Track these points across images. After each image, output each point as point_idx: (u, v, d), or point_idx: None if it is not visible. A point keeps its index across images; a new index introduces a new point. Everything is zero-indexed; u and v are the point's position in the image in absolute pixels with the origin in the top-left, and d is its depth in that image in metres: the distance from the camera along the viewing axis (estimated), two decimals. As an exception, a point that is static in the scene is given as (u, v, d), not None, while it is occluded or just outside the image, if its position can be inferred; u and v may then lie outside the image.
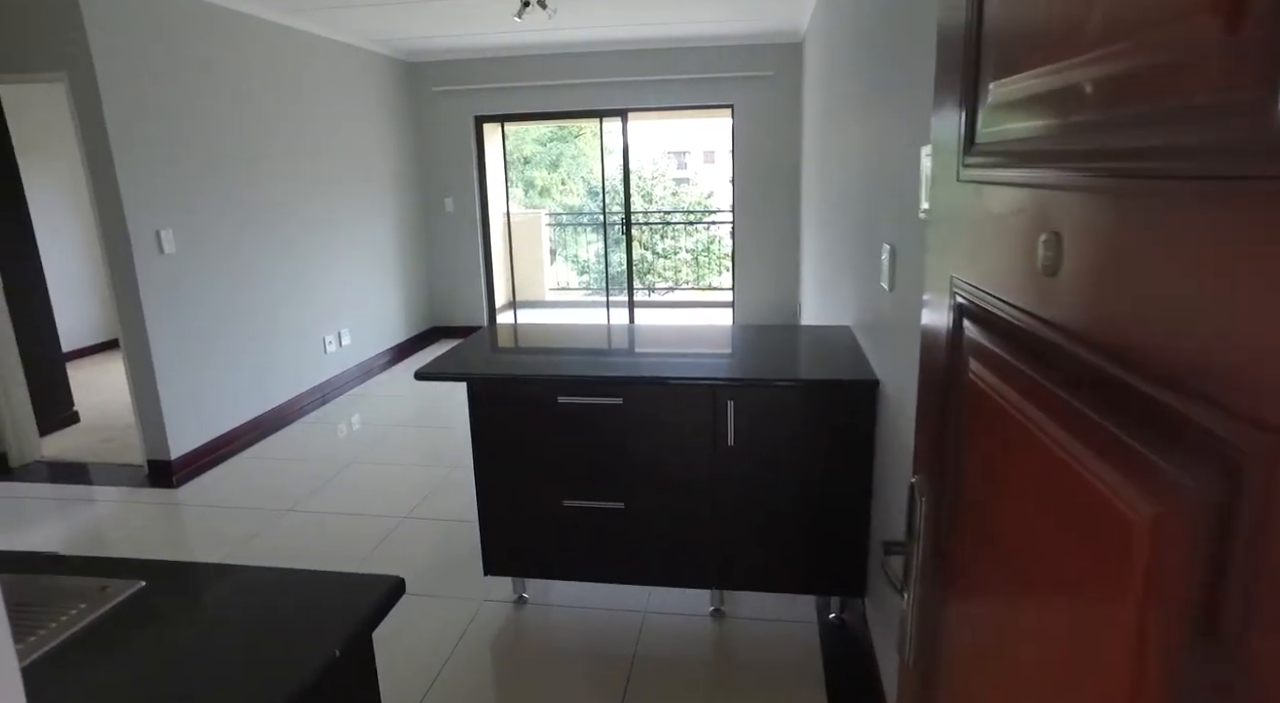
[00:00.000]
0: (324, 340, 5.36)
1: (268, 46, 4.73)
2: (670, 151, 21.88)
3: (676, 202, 17.06)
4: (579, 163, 18.81)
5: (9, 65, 3.63)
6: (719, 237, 15.49)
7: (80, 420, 4.91)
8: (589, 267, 14.01)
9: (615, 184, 6.88)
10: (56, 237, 6.12)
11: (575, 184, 18.54)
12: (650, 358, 2.65)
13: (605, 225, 7.33)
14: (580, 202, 18.26)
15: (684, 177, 23.00)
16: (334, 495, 3.72)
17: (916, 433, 1.02)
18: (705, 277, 15.04)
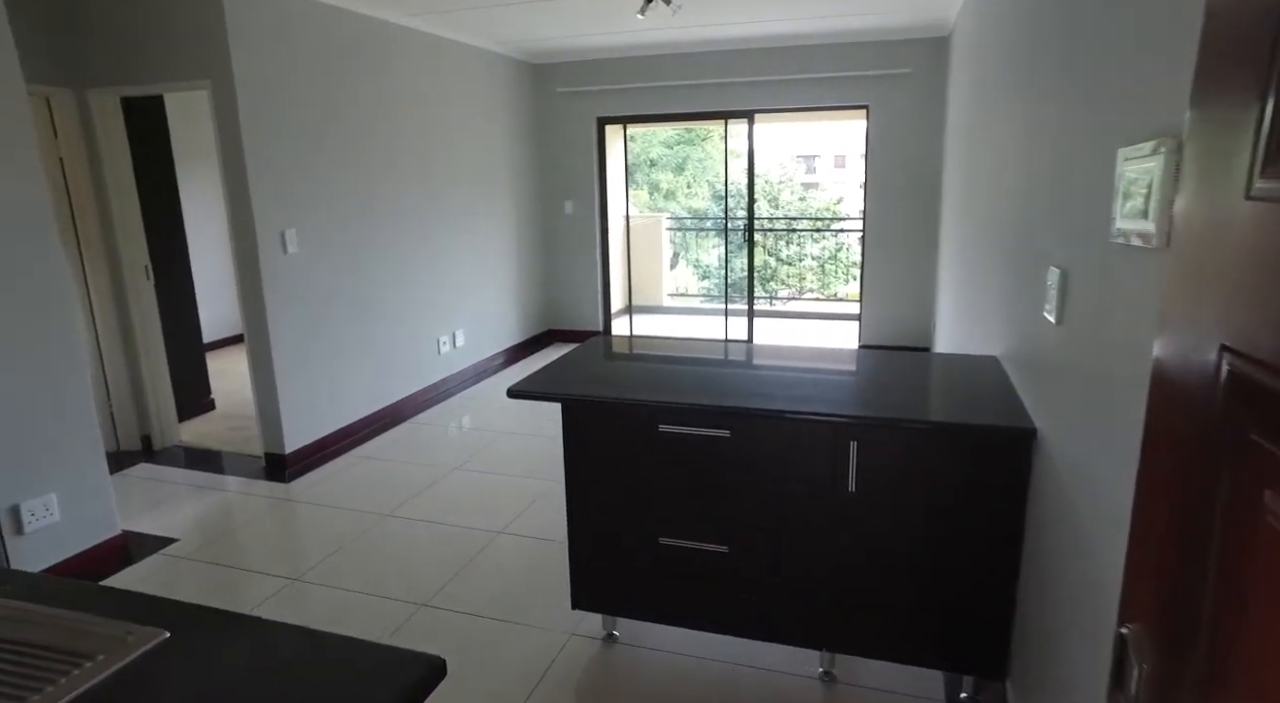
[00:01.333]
0: (438, 341, 5.40)
1: (394, 50, 4.79)
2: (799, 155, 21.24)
3: (804, 207, 16.50)
4: (705, 166, 18.58)
5: (165, 74, 3.81)
6: (847, 244, 14.83)
7: (215, 408, 5.17)
8: (711, 272, 13.76)
9: (739, 188, 6.59)
10: (201, 234, 6.52)
11: (700, 187, 18.33)
12: (764, 386, 2.37)
13: (726, 230, 7.04)
14: (705, 205, 18.04)
15: (812, 181, 22.29)
16: (435, 502, 3.67)
17: (1129, 561, 0.71)
18: (831, 285, 14.44)
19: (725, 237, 7.05)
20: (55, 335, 2.93)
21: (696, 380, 2.49)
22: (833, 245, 14.39)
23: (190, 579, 3.04)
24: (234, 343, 7.10)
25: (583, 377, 2.50)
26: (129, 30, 3.81)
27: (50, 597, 1.23)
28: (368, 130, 4.58)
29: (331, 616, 2.76)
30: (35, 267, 2.85)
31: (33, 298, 2.84)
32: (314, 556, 3.19)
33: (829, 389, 2.36)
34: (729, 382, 2.48)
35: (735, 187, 6.74)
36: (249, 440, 4.45)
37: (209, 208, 6.63)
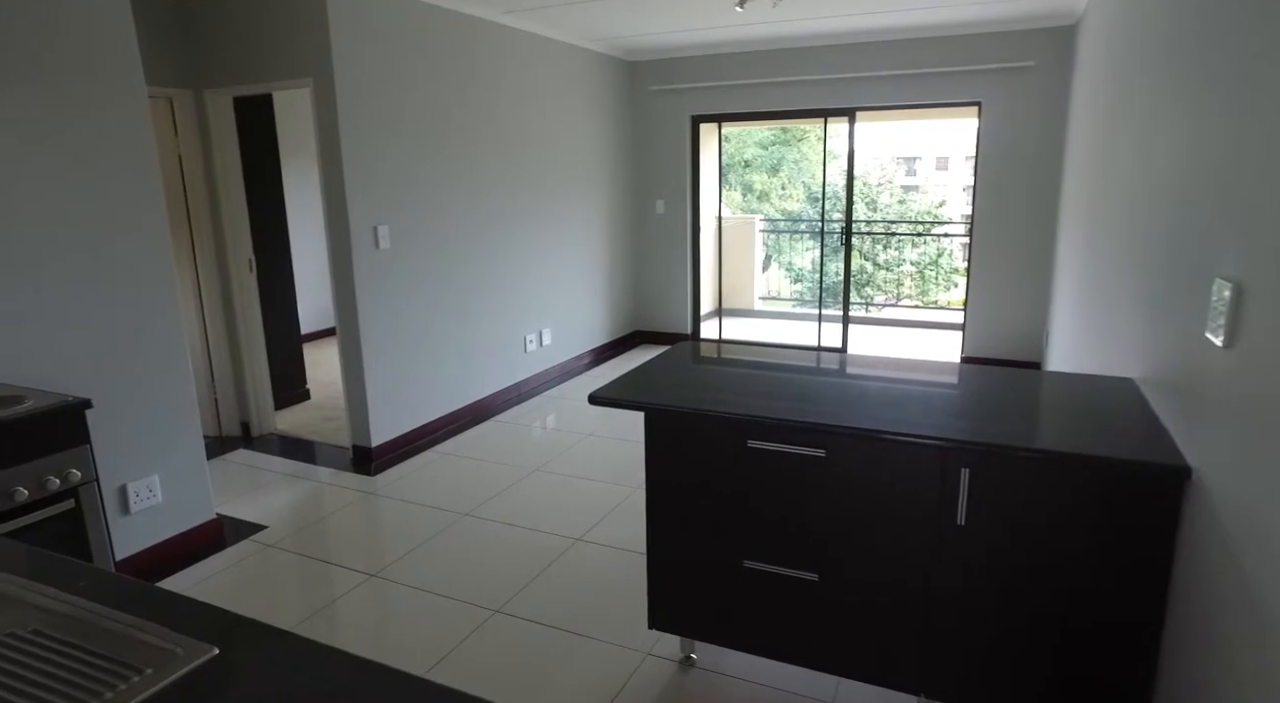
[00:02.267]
0: (525, 339, 5.39)
1: (488, 47, 4.80)
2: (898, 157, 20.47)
3: (903, 210, 15.86)
4: (801, 167, 18.16)
5: (272, 73, 3.92)
6: (948, 249, 14.15)
7: (310, 398, 5.32)
8: (803, 275, 13.40)
9: (836, 190, 6.33)
10: (301, 228, 6.75)
11: (795, 189, 17.92)
12: (864, 402, 2.18)
13: (823, 234, 6.77)
14: (800, 207, 17.63)
15: (912, 184, 21.45)
16: (514, 504, 3.62)
17: None
18: (930, 292, 13.80)
19: (821, 240, 6.78)
20: (162, 328, 3.02)
21: (790, 393, 2.32)
22: (933, 251, 13.77)
23: (276, 568, 3.08)
24: (330, 334, 7.35)
25: (668, 384, 2.38)
26: (241, 33, 3.94)
27: (117, 598, 1.20)
28: (461, 128, 4.60)
29: (407, 616, 2.73)
30: (147, 263, 2.94)
31: (143, 292, 2.94)
32: (394, 551, 3.19)
33: (937, 408, 2.15)
34: (825, 395, 2.29)
35: (832, 189, 6.46)
36: (339, 431, 4.55)
37: (308, 202, 6.87)
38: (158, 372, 3.02)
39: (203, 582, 2.97)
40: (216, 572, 3.05)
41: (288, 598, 2.87)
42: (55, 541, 2.26)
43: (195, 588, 2.92)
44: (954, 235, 13.99)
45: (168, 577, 2.99)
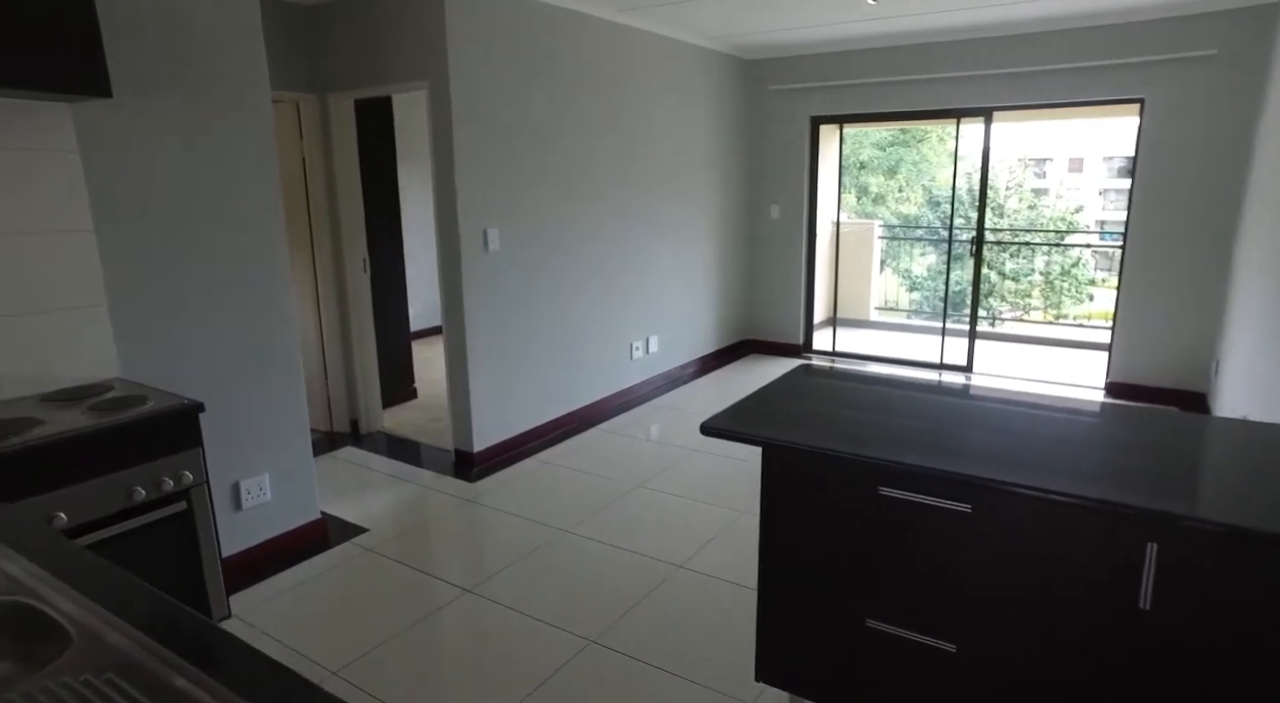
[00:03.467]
0: (631, 346, 5.25)
1: (601, 46, 4.68)
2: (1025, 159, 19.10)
3: (1033, 216, 14.78)
4: (920, 169, 17.30)
5: (391, 76, 3.94)
6: (1083, 258, 13.08)
7: (417, 396, 5.39)
8: (920, 283, 12.71)
9: (960, 193, 5.87)
10: (413, 228, 6.86)
11: (913, 192, 17.08)
12: (1018, 447, 1.88)
13: (950, 242, 6.31)
14: (916, 211, 16.79)
15: (1041, 187, 20.02)
16: (615, 522, 3.48)
17: None
18: (1061, 305, 12.80)
19: (949, 248, 6.32)
20: (276, 330, 3.06)
21: (926, 431, 2.04)
22: (1065, 260, 12.75)
23: (375, 574, 3.06)
24: (438, 332, 7.47)
25: (787, 415, 2.15)
26: (364, 37, 3.98)
27: (187, 641, 1.10)
28: (572, 130, 4.50)
29: (501, 638, 2.63)
30: (265, 265, 2.98)
31: (260, 295, 2.98)
32: (491, 565, 3.11)
33: (1110, 462, 1.83)
34: (968, 436, 2.01)
35: (956, 192, 6.00)
36: (442, 433, 4.55)
37: (420, 202, 6.98)
38: (272, 371, 3.06)
39: (304, 583, 2.97)
40: (318, 574, 3.05)
41: (385, 608, 2.82)
42: (167, 541, 2.28)
43: (297, 589, 2.93)
44: (1094, 246, 12.92)
45: (272, 576, 3.02)
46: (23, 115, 2.29)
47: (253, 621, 2.72)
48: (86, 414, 2.17)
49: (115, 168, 2.51)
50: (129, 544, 2.17)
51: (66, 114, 2.38)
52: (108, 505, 2.12)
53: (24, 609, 1.23)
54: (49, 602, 1.22)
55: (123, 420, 2.14)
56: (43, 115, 2.33)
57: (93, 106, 2.43)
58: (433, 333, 7.35)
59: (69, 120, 2.39)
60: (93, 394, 2.35)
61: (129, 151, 2.55)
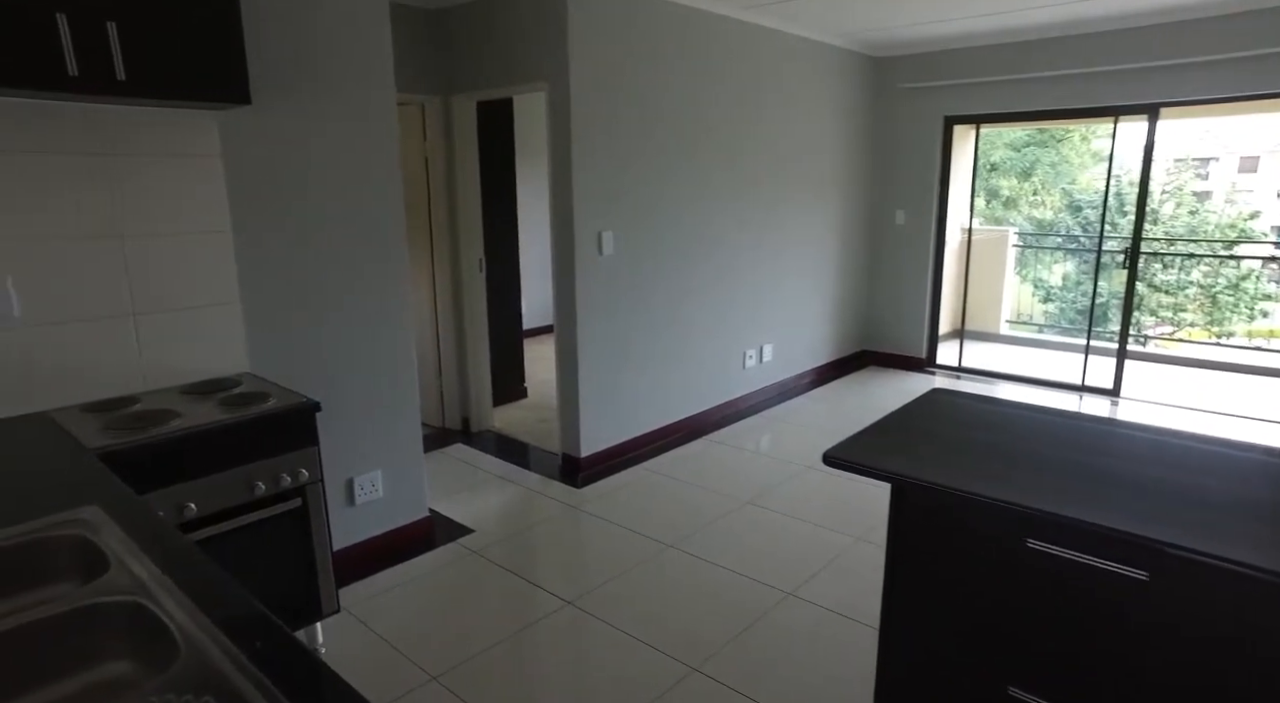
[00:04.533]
0: (744, 354, 5.09)
1: (722, 45, 4.53)
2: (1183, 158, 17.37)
3: (1194, 222, 13.41)
4: (1059, 171, 16.10)
5: (512, 78, 3.95)
6: (1254, 271, 11.76)
7: (527, 396, 5.43)
8: (1056, 294, 11.82)
9: (1104, 197, 5.34)
10: (528, 225, 6.91)
11: (1050, 195, 15.92)
12: (1204, 504, 1.60)
13: (1100, 251, 5.76)
14: (1051, 216, 15.64)
15: (1204, 189, 18.19)
16: (722, 540, 3.34)
17: None
18: (1226, 322, 11.55)
19: (1098, 258, 5.77)
20: (394, 330, 3.10)
21: (1086, 474, 1.78)
22: (1234, 273, 11.48)
23: (478, 578, 3.05)
24: (549, 331, 7.54)
25: (919, 446, 1.95)
26: (487, 40, 4.01)
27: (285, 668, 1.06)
28: (690, 131, 4.38)
29: (601, 657, 2.55)
30: (384, 265, 3.03)
31: (380, 295, 3.03)
32: (594, 577, 3.04)
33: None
34: (1140, 482, 1.74)
35: (1101, 196, 5.47)
36: (550, 435, 4.55)
37: (536, 201, 7.02)
38: (388, 371, 3.11)
39: (411, 581, 3.00)
40: (423, 574, 3.08)
41: (487, 614, 2.80)
42: (283, 535, 2.33)
43: (404, 587, 2.96)
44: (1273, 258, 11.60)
45: (380, 572, 3.07)
46: (175, 124, 2.40)
47: (360, 615, 2.76)
48: (218, 408, 2.24)
49: (250, 171, 2.60)
50: (248, 537, 2.23)
51: (213, 121, 2.49)
52: (231, 499, 2.19)
53: (144, 612, 1.24)
54: (164, 608, 1.23)
55: (249, 417, 2.20)
56: (192, 123, 2.44)
57: (232, 113, 2.52)
58: (544, 332, 7.43)
59: (214, 127, 2.49)
60: (224, 388, 2.44)
61: (262, 155, 2.63)
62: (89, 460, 1.82)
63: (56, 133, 2.18)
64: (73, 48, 1.92)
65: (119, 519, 1.52)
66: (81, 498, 1.60)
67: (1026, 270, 11.13)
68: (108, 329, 2.34)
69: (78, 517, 1.53)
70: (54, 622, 1.21)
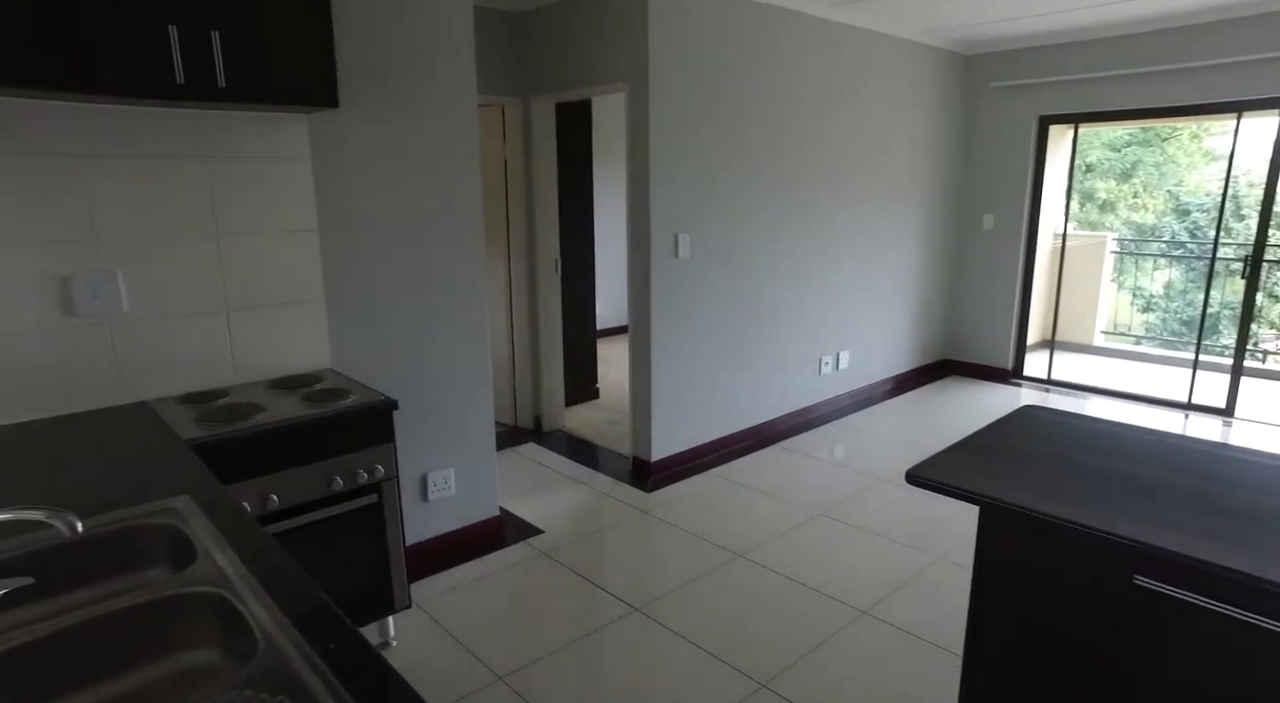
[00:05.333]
0: (820, 361, 4.96)
1: (808, 44, 4.42)
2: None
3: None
4: (1164, 172, 15.16)
5: (591, 79, 3.96)
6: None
7: (599, 397, 5.43)
8: (1156, 304, 11.13)
9: (1216, 200, 4.96)
10: (604, 224, 6.93)
11: (1153, 199, 15.01)
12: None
13: (1214, 258, 5.37)
14: (1153, 220, 14.73)
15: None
16: (792, 551, 3.26)
17: None
18: (1352, 337, 10.60)
19: (1210, 265, 5.38)
20: (470, 330, 3.14)
21: (1206, 505, 1.64)
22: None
23: (547, 579, 3.06)
24: (622, 332, 7.54)
25: (1013, 468, 1.83)
26: (567, 41, 4.02)
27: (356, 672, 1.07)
28: (769, 132, 4.30)
29: (665, 667, 2.51)
30: (462, 264, 3.07)
31: (457, 295, 3.07)
32: (661, 585, 3.00)
33: None
34: (1274, 521, 1.59)
35: (1213, 200, 5.08)
36: (622, 437, 4.54)
37: (612, 200, 7.03)
38: (463, 368, 3.15)
39: (481, 580, 3.03)
40: (492, 572, 3.10)
41: (554, 616, 2.81)
42: (358, 530, 2.38)
43: (474, 585, 2.99)
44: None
45: (451, 568, 3.11)
46: (269, 127, 2.49)
47: (431, 611, 2.80)
48: (301, 404, 2.31)
49: (335, 172, 2.67)
50: (325, 531, 2.29)
51: (303, 124, 2.56)
52: (311, 493, 2.25)
53: (226, 605, 1.27)
54: (245, 603, 1.25)
55: (330, 413, 2.25)
56: (284, 127, 2.52)
57: (320, 116, 2.60)
58: (618, 332, 7.44)
59: (304, 130, 2.57)
60: (307, 384, 2.51)
61: (347, 157, 2.70)
62: (182, 451, 1.89)
63: (162, 137, 2.29)
64: (181, 57, 2.00)
65: (207, 510, 1.57)
66: (175, 488, 1.66)
67: (1125, 277, 10.51)
68: (203, 324, 2.44)
69: (170, 506, 1.59)
70: (144, 609, 1.25)
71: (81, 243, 2.20)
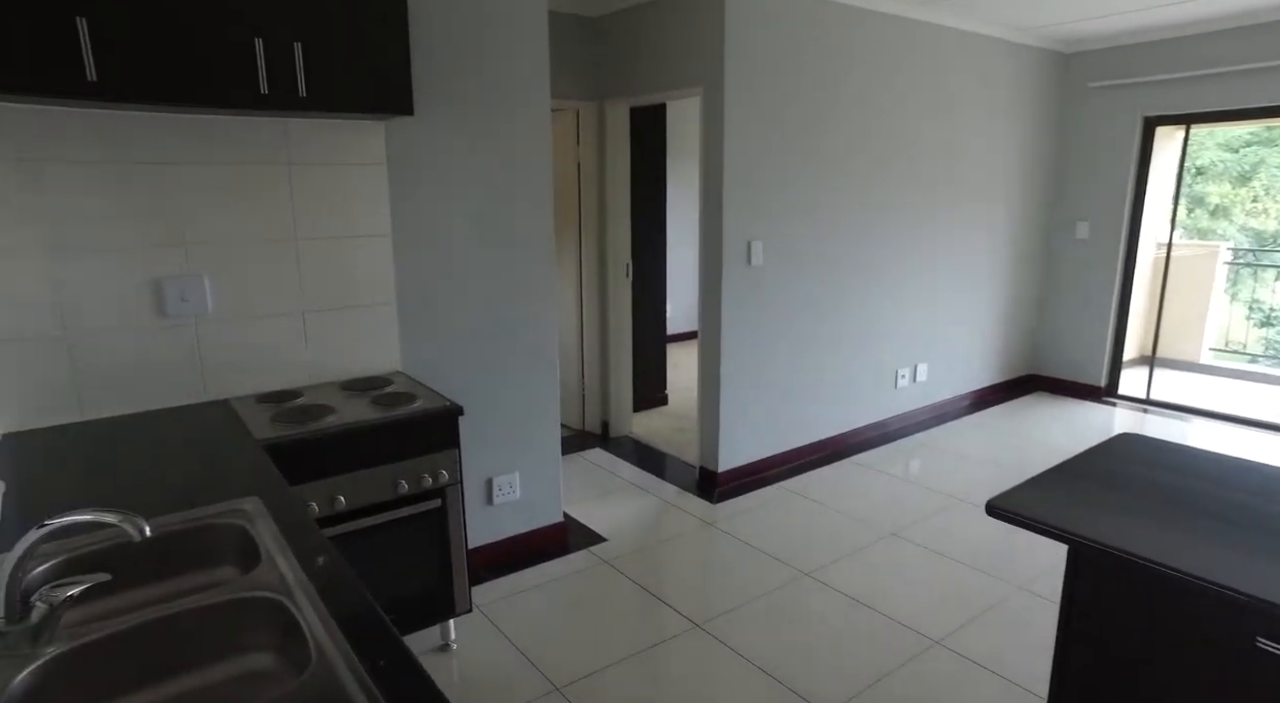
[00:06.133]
0: (897, 373, 4.78)
1: (890, 45, 4.26)
2: None
3: None
4: (1288, 175, 14.03)
5: (666, 83, 3.92)
6: None
7: (668, 403, 5.39)
8: (1275, 319, 10.32)
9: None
10: (676, 228, 6.85)
11: (1275, 203, 13.93)
12: None
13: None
14: (1275, 226, 13.66)
15: None
16: (860, 573, 3.13)
17: None
18: None
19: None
20: (539, 335, 3.15)
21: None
22: None
23: (608, 589, 3.03)
24: (692, 337, 7.46)
25: (1109, 503, 1.69)
26: (641, 44, 3.99)
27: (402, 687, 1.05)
28: (851, 136, 4.16)
29: (726, 689, 2.44)
30: (532, 269, 3.07)
31: (526, 300, 3.08)
32: (724, 600, 2.93)
33: None
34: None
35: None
36: (689, 445, 4.48)
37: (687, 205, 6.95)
38: (531, 375, 3.15)
39: (542, 586, 3.03)
40: (554, 579, 3.10)
41: (614, 628, 2.77)
42: (421, 534, 2.40)
43: (535, 591, 2.99)
44: None
45: (514, 573, 3.12)
46: (347, 133, 2.54)
47: (492, 616, 2.81)
48: (370, 407, 2.35)
49: (409, 177, 2.71)
50: (389, 534, 2.32)
51: (380, 131, 2.61)
52: (376, 495, 2.28)
53: (285, 612, 1.29)
54: (302, 611, 1.26)
55: (398, 416, 2.28)
56: (362, 132, 2.57)
57: (395, 121, 2.64)
58: (688, 337, 7.37)
59: (381, 136, 2.62)
60: (376, 386, 2.56)
61: (421, 162, 2.73)
62: (256, 451, 1.94)
63: (246, 144, 2.37)
64: (265, 69, 2.06)
65: (274, 512, 1.61)
66: (247, 488, 1.71)
67: (1239, 289, 9.79)
68: (281, 325, 2.51)
69: (240, 507, 1.63)
70: (212, 610, 1.28)
71: (173, 246, 2.29)
